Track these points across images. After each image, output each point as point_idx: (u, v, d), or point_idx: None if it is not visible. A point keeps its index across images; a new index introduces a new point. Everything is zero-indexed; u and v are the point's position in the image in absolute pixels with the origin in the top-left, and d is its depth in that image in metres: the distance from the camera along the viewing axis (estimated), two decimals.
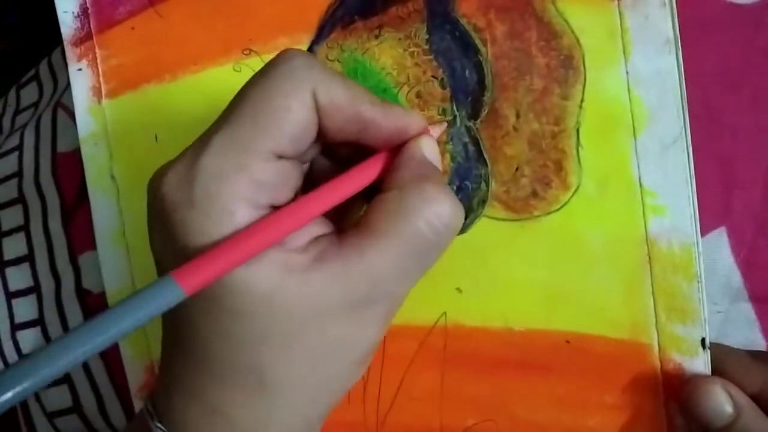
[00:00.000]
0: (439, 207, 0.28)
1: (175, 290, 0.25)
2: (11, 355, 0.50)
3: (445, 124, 0.37)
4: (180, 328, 0.29)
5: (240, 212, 0.26)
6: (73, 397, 0.49)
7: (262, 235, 0.26)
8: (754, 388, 0.34)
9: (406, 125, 0.30)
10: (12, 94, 0.58)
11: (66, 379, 0.49)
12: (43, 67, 0.56)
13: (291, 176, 0.29)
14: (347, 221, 0.34)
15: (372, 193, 0.30)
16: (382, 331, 0.30)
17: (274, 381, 0.28)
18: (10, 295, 0.51)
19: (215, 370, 0.28)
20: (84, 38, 0.44)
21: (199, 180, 0.26)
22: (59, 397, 0.49)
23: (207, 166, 0.26)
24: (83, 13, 0.43)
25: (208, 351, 0.28)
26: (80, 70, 0.44)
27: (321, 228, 0.29)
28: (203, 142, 0.27)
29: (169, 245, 0.27)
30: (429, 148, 0.31)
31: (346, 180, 0.29)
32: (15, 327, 0.50)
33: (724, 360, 0.35)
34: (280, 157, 0.28)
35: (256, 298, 0.26)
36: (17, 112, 0.57)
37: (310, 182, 0.31)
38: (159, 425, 0.30)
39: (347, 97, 0.28)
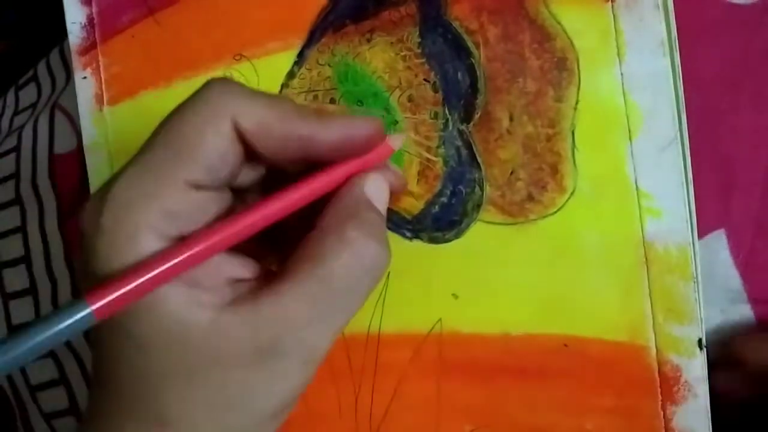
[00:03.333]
0: (360, 250, 0.27)
1: (86, 316, 0.24)
2: None
3: (405, 135, 0.36)
4: (98, 357, 0.28)
5: (145, 241, 0.26)
6: (70, 399, 0.49)
7: (175, 255, 0.25)
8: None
9: (350, 133, 0.29)
10: (11, 94, 0.58)
11: (62, 381, 0.49)
12: (42, 68, 0.56)
13: (208, 207, 0.28)
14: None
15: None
16: (297, 386, 0.28)
17: (173, 421, 0.27)
18: (6, 297, 0.51)
19: (123, 404, 0.27)
20: (89, 47, 0.44)
21: (108, 207, 0.26)
22: (56, 399, 0.49)
23: (117, 195, 0.26)
24: (89, 24, 0.44)
25: (118, 382, 0.27)
26: (85, 78, 0.44)
27: (243, 271, 0.28)
28: (119, 171, 0.27)
29: (83, 271, 0.27)
30: (372, 186, 0.30)
31: (258, 211, 0.28)
32: (12, 329, 0.51)
33: (737, 337, 0.36)
34: (197, 187, 0.27)
35: (161, 330, 0.26)
36: (15, 112, 0.57)
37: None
38: None
39: (275, 116, 0.27)
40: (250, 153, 0.28)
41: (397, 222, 0.38)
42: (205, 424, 0.27)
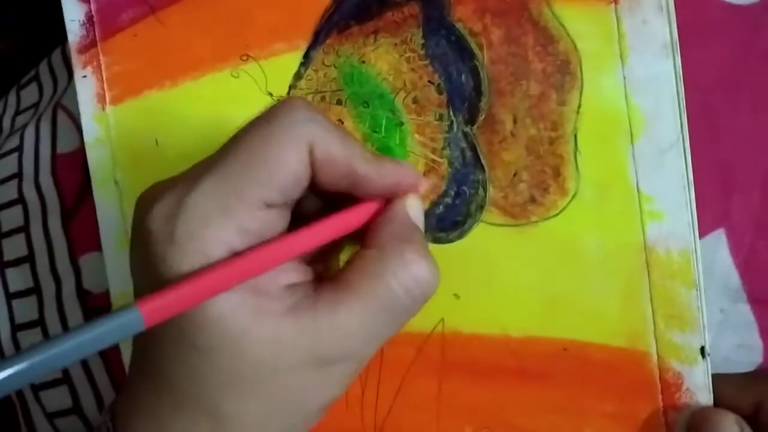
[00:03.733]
0: (418, 271, 0.28)
1: (138, 320, 0.25)
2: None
3: (432, 181, 0.37)
4: (150, 354, 0.29)
5: (216, 256, 0.26)
6: (73, 398, 0.49)
7: (229, 272, 0.26)
8: (748, 410, 0.35)
9: (397, 181, 0.31)
10: (12, 94, 0.58)
11: (66, 380, 0.49)
12: (43, 68, 0.56)
13: (276, 224, 0.29)
14: (328, 265, 0.35)
15: (355, 236, 0.31)
16: (345, 386, 0.30)
17: (230, 420, 0.28)
18: (10, 296, 0.51)
19: (176, 400, 0.28)
20: (89, 46, 0.44)
21: (183, 219, 0.27)
22: (59, 398, 0.49)
23: (193, 207, 0.27)
24: (89, 21, 0.44)
25: (173, 381, 0.28)
26: (85, 77, 0.44)
27: (298, 275, 0.29)
28: (194, 180, 0.28)
29: (147, 275, 0.28)
30: (414, 208, 0.31)
31: (324, 226, 0.29)
32: (15, 328, 0.50)
33: (715, 384, 0.35)
34: (270, 206, 0.28)
35: (226, 339, 0.27)
36: (17, 112, 0.57)
37: (296, 219, 0.31)
38: None
39: (343, 153, 0.29)
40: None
41: None
42: (259, 424, 0.29)
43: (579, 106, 0.35)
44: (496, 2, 0.36)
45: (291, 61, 0.39)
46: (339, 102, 0.39)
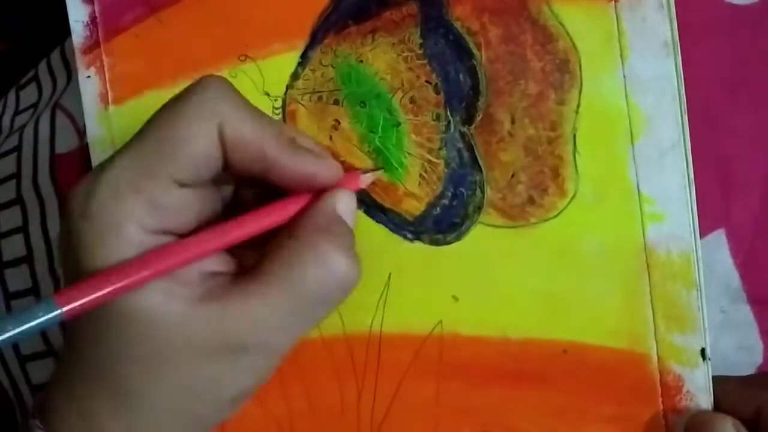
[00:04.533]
0: (332, 264, 0.28)
1: (54, 312, 0.25)
2: (10, 356, 0.51)
3: (380, 173, 0.37)
4: (68, 334, 0.30)
5: (127, 231, 0.27)
6: None
7: (148, 266, 0.26)
8: (749, 415, 0.34)
9: (313, 173, 0.30)
10: (11, 94, 0.58)
11: None
12: (42, 68, 0.56)
13: (193, 204, 0.29)
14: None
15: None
16: (260, 379, 0.30)
17: (141, 400, 0.28)
18: (9, 297, 0.51)
19: (91, 377, 0.29)
20: (93, 46, 0.44)
21: (97, 195, 0.27)
22: None
23: (106, 183, 0.27)
24: (92, 22, 0.44)
25: (86, 358, 0.29)
26: (89, 77, 0.44)
27: (220, 265, 0.29)
28: (110, 159, 0.28)
29: (68, 255, 0.28)
30: (343, 202, 0.31)
31: (244, 223, 0.29)
32: None
33: (717, 388, 0.35)
34: (183, 184, 0.28)
35: (136, 319, 0.27)
36: (16, 112, 0.57)
37: (233, 213, 0.31)
38: (37, 423, 0.30)
39: (254, 133, 0.29)
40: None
41: (398, 224, 0.38)
42: (170, 407, 0.29)
43: (578, 106, 0.35)
44: (495, 1, 0.36)
45: (288, 61, 0.39)
46: (336, 102, 0.39)
